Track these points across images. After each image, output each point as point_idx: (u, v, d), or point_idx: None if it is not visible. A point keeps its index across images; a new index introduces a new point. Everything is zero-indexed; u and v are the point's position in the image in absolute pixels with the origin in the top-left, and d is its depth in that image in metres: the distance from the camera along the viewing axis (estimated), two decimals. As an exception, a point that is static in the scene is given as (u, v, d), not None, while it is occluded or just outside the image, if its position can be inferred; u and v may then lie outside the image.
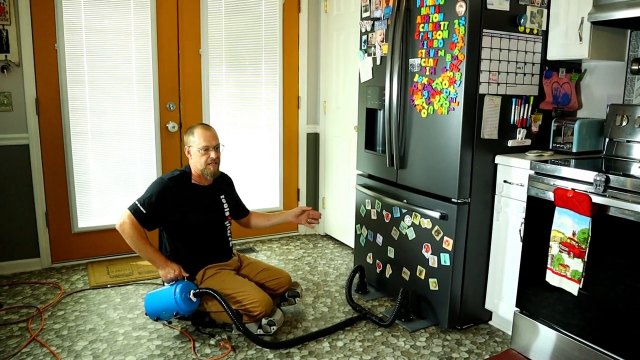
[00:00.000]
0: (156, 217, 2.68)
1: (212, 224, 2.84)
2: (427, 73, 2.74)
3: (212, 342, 2.67)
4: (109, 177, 3.81)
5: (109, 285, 3.38)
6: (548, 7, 2.70)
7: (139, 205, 2.65)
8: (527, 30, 2.67)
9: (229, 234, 2.95)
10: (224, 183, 2.99)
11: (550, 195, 2.32)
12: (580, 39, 2.55)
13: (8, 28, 3.34)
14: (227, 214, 2.92)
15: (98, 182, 3.79)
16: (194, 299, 2.61)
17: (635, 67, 2.60)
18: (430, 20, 2.69)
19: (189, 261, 2.76)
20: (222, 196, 2.92)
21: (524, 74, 2.72)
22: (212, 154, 2.75)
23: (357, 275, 3.28)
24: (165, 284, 2.72)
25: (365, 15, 3.21)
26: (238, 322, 2.57)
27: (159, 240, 2.86)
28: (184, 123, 3.95)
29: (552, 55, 2.74)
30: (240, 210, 3.14)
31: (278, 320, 2.73)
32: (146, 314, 2.69)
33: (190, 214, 2.73)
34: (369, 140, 3.32)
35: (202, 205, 2.78)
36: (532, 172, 2.47)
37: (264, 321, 2.66)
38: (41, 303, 3.10)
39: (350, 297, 3.11)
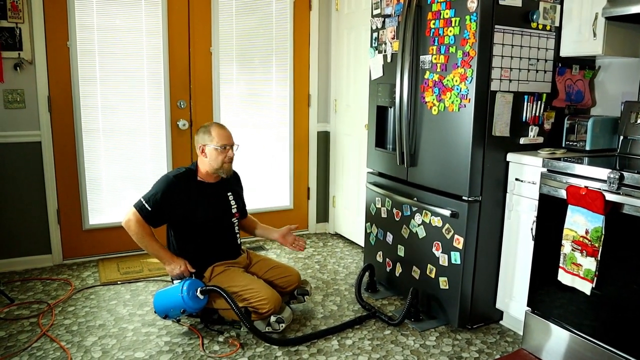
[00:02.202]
0: (161, 214, 2.69)
1: (218, 221, 2.83)
2: (438, 70, 2.72)
3: (221, 339, 2.67)
4: (120, 174, 3.83)
5: (119, 282, 3.40)
6: (561, 3, 2.67)
7: (144, 202, 2.67)
8: (540, 27, 2.64)
9: (237, 232, 2.95)
10: (233, 181, 2.97)
11: (563, 193, 2.28)
12: (594, 35, 2.51)
13: (21, 26, 3.37)
14: (234, 211, 2.91)
15: (109, 179, 3.81)
16: (201, 297, 2.61)
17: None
18: (442, 17, 2.66)
19: (196, 259, 2.76)
20: (230, 194, 2.90)
21: (537, 71, 2.69)
22: (231, 153, 2.77)
23: (367, 274, 3.27)
24: (173, 281, 2.73)
25: (376, 12, 3.19)
26: (245, 320, 2.57)
27: (166, 238, 2.86)
28: (195, 121, 3.96)
29: (565, 52, 2.70)
30: (241, 211, 3.07)
31: (287, 318, 2.72)
32: (155, 312, 2.70)
33: (195, 211, 2.72)
34: (380, 138, 3.30)
35: (207, 202, 2.77)
36: (545, 169, 2.44)
37: (272, 319, 2.65)
38: (52, 299, 3.12)
39: (359, 296, 3.09)
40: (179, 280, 2.67)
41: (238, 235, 2.96)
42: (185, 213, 2.71)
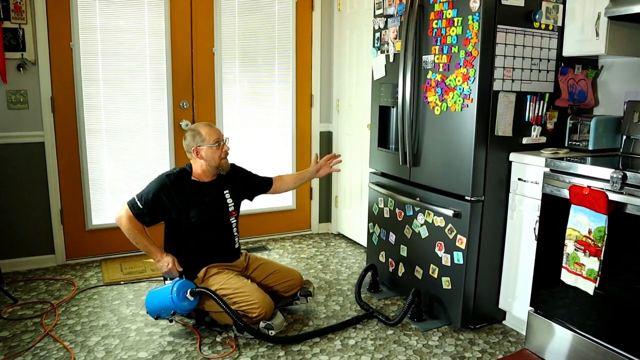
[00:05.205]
0: (152, 213, 2.68)
1: (213, 221, 2.80)
2: (441, 70, 2.72)
3: (218, 339, 2.66)
4: (123, 174, 3.84)
5: (122, 282, 3.40)
6: (564, 3, 2.67)
7: (136, 200, 2.68)
8: (543, 26, 2.63)
9: (235, 233, 2.90)
10: (228, 176, 2.90)
11: (566, 193, 2.28)
12: (597, 35, 2.51)
13: (24, 27, 3.38)
14: (231, 209, 2.87)
15: (112, 180, 3.82)
16: (192, 298, 2.59)
17: (653, 63, 2.56)
18: (444, 17, 2.66)
19: (190, 259, 2.74)
20: (226, 191, 2.86)
21: (539, 71, 2.68)
22: (226, 147, 2.78)
23: (370, 274, 3.27)
24: (165, 281, 2.72)
25: (378, 12, 3.19)
26: (237, 319, 2.54)
27: (164, 237, 2.83)
28: (197, 121, 3.95)
29: (567, 52, 2.70)
30: (263, 184, 3.10)
31: (277, 325, 2.65)
32: (147, 313, 2.69)
33: (189, 211, 2.70)
34: (382, 138, 3.30)
35: (202, 202, 2.74)
36: (547, 169, 2.43)
37: (261, 324, 2.61)
38: (55, 299, 3.13)
39: (358, 296, 3.08)
40: (171, 280, 2.66)
41: (237, 238, 2.92)
42: (178, 213, 2.70)
